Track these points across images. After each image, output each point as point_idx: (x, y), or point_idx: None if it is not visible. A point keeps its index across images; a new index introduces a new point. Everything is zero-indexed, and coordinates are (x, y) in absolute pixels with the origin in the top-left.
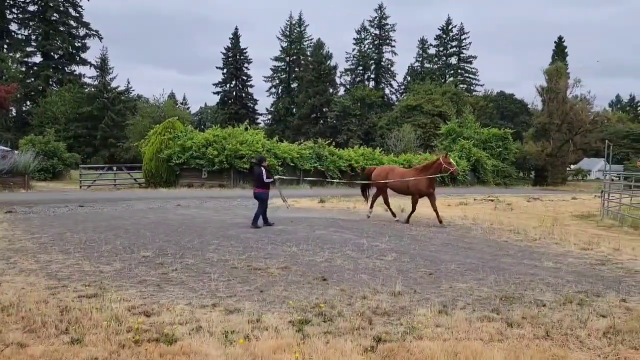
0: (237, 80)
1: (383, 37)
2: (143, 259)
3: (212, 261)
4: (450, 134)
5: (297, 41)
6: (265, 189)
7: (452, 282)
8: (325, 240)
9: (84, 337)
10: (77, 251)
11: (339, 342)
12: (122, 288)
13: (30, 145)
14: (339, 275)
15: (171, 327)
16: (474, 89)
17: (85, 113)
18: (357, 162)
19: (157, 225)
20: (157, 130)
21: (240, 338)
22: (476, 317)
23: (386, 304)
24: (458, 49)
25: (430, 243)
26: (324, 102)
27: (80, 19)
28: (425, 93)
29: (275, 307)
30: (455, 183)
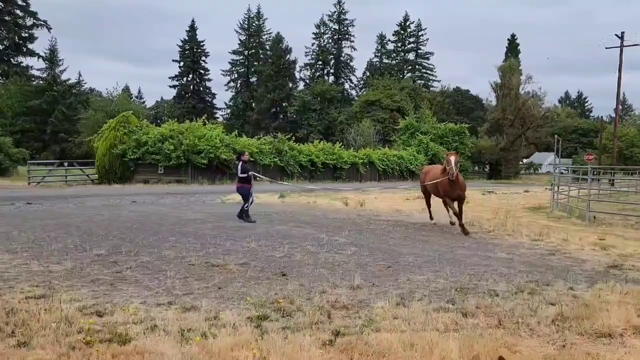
0: (194, 74)
1: (342, 32)
2: (96, 257)
3: (168, 258)
4: (409, 129)
5: (255, 35)
6: (243, 183)
7: (410, 275)
8: (285, 235)
9: (32, 339)
10: (25, 250)
11: (297, 337)
12: (73, 288)
13: None
14: (299, 270)
15: (124, 327)
16: (431, 85)
17: (34, 107)
18: (317, 157)
19: (111, 222)
20: (110, 124)
21: (196, 336)
22: (432, 308)
23: (345, 297)
24: (416, 45)
25: (389, 237)
26: (283, 97)
27: (27, 8)
28: (384, 88)
29: (234, 304)
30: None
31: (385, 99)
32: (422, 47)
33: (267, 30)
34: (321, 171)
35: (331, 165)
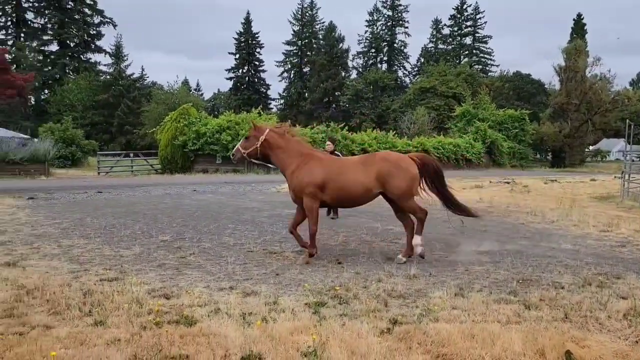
0: (249, 66)
1: (396, 19)
2: (161, 243)
3: (228, 245)
4: (465, 116)
5: (308, 25)
6: None
7: (468, 265)
8: (339, 224)
9: (107, 319)
10: (98, 236)
11: (355, 324)
12: (142, 272)
13: (49, 133)
14: (354, 258)
15: (190, 310)
16: (489, 70)
17: (102, 101)
18: (370, 146)
19: (175, 210)
20: (172, 117)
21: (257, 320)
22: (493, 300)
23: (401, 286)
24: (473, 28)
25: (444, 226)
26: (336, 86)
27: (95, 7)
28: (439, 75)
29: (291, 290)
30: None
31: (440, 86)
32: (479, 30)
33: (320, 20)
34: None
35: None
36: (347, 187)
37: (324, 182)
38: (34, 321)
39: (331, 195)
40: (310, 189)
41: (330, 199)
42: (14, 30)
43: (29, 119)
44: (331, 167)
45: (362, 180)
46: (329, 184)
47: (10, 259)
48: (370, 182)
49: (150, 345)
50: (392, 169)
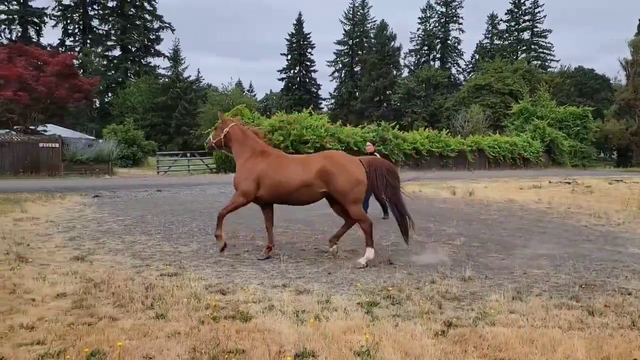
0: (301, 66)
1: (449, 15)
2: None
3: (281, 244)
4: (523, 114)
5: (360, 24)
6: None
7: (526, 268)
8: (391, 224)
9: (167, 312)
10: (158, 233)
11: (408, 326)
12: (199, 268)
13: (112, 134)
14: (406, 259)
15: (246, 306)
16: (548, 65)
17: (161, 103)
18: (422, 145)
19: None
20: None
21: (310, 318)
22: (553, 305)
23: (456, 289)
24: (531, 23)
25: (501, 227)
26: (387, 85)
27: (154, 12)
28: (495, 71)
29: (343, 289)
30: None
31: (496, 83)
32: (538, 25)
33: (372, 19)
34: (426, 159)
35: (437, 153)
36: (284, 183)
37: (259, 177)
38: (101, 313)
39: (267, 191)
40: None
41: (267, 194)
42: (81, 37)
43: (94, 121)
44: (272, 164)
45: (300, 176)
46: (264, 180)
47: (79, 254)
48: (310, 179)
49: (209, 339)
50: (335, 168)
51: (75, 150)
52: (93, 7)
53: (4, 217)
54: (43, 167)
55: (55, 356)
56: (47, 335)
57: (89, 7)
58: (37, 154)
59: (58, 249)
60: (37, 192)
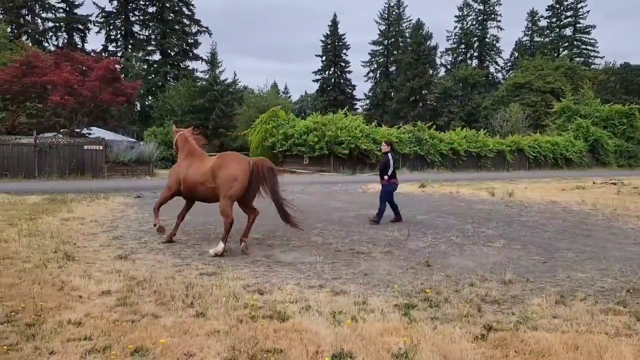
0: (335, 67)
1: (487, 12)
2: (254, 241)
3: (317, 244)
4: (565, 112)
5: (395, 23)
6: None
7: (570, 272)
8: (428, 225)
9: (207, 311)
10: (196, 233)
11: (447, 328)
12: (237, 267)
13: (152, 136)
14: (444, 261)
15: (283, 306)
16: (592, 62)
17: (199, 105)
18: (459, 145)
19: (265, 209)
20: (262, 119)
21: (347, 319)
22: (599, 310)
23: (496, 292)
24: (574, 18)
25: (542, 230)
26: (423, 84)
27: (192, 17)
28: (535, 69)
29: (380, 291)
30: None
31: (536, 81)
32: (581, 20)
33: (407, 18)
34: (464, 160)
35: (475, 154)
36: (189, 179)
37: (178, 174)
38: (143, 310)
39: (183, 187)
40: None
41: (183, 190)
42: (123, 42)
43: (135, 124)
44: (188, 163)
45: (200, 172)
46: (181, 176)
47: (122, 252)
48: (205, 175)
49: (247, 338)
50: (221, 165)
51: (118, 152)
52: (134, 13)
53: (52, 217)
54: (88, 168)
55: (101, 351)
56: (94, 331)
57: (131, 13)
58: (82, 155)
59: (102, 248)
60: (83, 193)
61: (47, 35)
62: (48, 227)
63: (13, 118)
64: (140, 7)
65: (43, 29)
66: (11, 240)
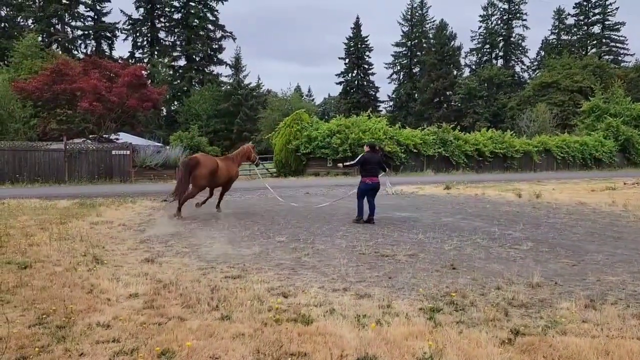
0: (358, 70)
1: (513, 11)
2: (278, 243)
3: (341, 247)
4: (594, 111)
5: (418, 24)
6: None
7: (600, 275)
8: (453, 227)
9: (232, 314)
10: (222, 236)
11: (473, 333)
12: (262, 270)
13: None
14: (469, 264)
15: (307, 309)
16: (622, 60)
17: (223, 109)
18: (485, 146)
19: (290, 212)
20: (285, 122)
21: (372, 322)
22: (631, 314)
23: (523, 295)
24: (602, 16)
25: (571, 232)
26: (447, 85)
27: (217, 22)
28: (563, 68)
29: (405, 294)
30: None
31: (563, 80)
32: (610, 17)
33: (431, 19)
34: (489, 161)
35: (501, 155)
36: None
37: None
38: (170, 313)
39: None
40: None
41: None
42: (149, 49)
43: (162, 128)
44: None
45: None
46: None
47: (149, 256)
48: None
49: (272, 341)
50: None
51: (145, 156)
52: (160, 19)
53: (82, 220)
54: (115, 173)
55: (129, 353)
56: (122, 334)
57: (156, 20)
58: (110, 160)
59: (130, 251)
60: (111, 197)
61: (76, 43)
62: (78, 231)
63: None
64: (165, 13)
65: (72, 37)
66: (42, 244)
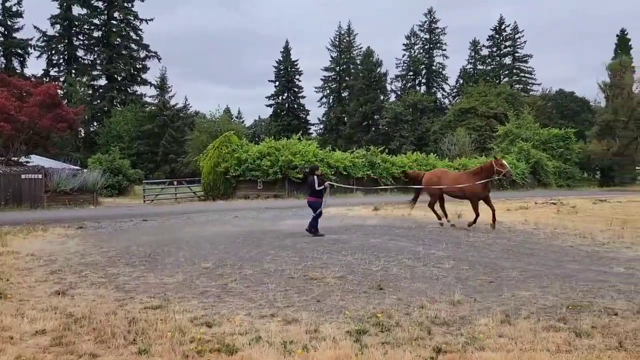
0: (289, 92)
1: (433, 41)
2: (204, 270)
3: (269, 271)
4: (508, 136)
5: (346, 50)
6: (317, 197)
7: (515, 290)
8: (381, 248)
9: (151, 347)
10: (142, 264)
11: (397, 353)
12: (185, 299)
13: (97, 163)
14: (396, 284)
15: (232, 338)
16: (530, 89)
17: (147, 131)
18: (410, 168)
19: (217, 237)
20: (214, 144)
21: (298, 348)
22: (541, 327)
23: (445, 313)
24: (512, 48)
25: (489, 250)
26: (375, 110)
27: (141, 42)
28: (479, 95)
29: (333, 317)
30: (514, 186)
31: (480, 106)
32: (519, 50)
33: (358, 45)
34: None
35: None
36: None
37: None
38: (81, 350)
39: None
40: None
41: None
42: (66, 67)
43: (79, 151)
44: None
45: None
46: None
47: (60, 288)
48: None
49: None
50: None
51: (59, 180)
52: (78, 37)
53: None
54: (26, 198)
55: None
56: None
57: (74, 37)
58: (19, 185)
59: (38, 284)
60: (19, 225)
61: None
62: None
63: None
64: (84, 31)
65: None
66: None
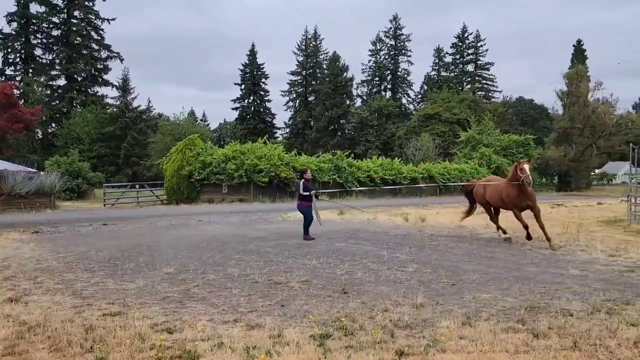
0: (255, 96)
1: (399, 48)
2: (166, 275)
3: (233, 276)
4: (470, 142)
5: (313, 55)
6: (306, 202)
7: (475, 293)
8: (346, 252)
9: (109, 355)
10: (102, 269)
11: (360, 356)
12: (145, 305)
13: (55, 166)
14: (360, 287)
15: (193, 344)
16: (492, 96)
17: (108, 133)
18: (376, 173)
19: (180, 241)
20: (178, 147)
21: (261, 354)
22: (501, 329)
23: (408, 316)
24: (475, 56)
25: (451, 253)
26: (341, 114)
27: (102, 42)
28: (443, 101)
29: (296, 322)
30: None
31: (444, 112)
32: (481, 58)
33: (324, 50)
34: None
35: (390, 181)
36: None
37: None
38: (34, 359)
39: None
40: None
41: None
42: (23, 66)
43: (36, 152)
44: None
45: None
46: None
47: (13, 295)
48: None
49: None
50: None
51: (14, 183)
52: (36, 35)
53: None
54: None
55: None
56: None
57: (32, 35)
58: None
59: None
60: None
61: None
62: None
63: None
64: (42, 29)
65: None
66: None
